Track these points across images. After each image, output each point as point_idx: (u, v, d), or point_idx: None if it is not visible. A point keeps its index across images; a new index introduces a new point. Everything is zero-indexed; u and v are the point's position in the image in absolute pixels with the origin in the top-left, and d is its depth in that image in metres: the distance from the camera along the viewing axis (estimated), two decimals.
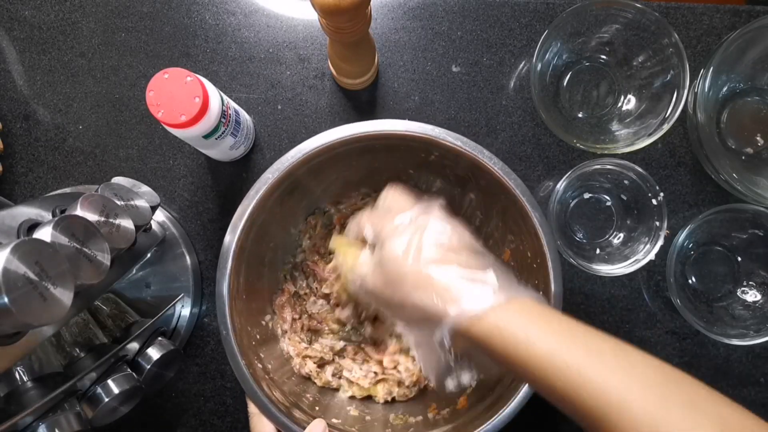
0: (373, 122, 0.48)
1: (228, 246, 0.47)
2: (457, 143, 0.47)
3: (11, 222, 0.36)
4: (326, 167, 0.52)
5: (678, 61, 0.53)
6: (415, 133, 0.48)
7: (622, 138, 0.57)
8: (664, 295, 0.60)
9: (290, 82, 0.61)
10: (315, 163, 0.50)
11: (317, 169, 0.51)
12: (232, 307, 0.46)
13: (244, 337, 0.47)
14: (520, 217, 0.48)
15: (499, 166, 0.47)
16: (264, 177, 0.47)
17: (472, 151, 0.47)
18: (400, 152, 0.52)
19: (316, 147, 0.48)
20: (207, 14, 0.62)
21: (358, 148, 0.50)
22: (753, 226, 0.57)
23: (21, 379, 0.42)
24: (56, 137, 0.61)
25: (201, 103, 0.46)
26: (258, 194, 0.47)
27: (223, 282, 0.46)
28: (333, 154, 0.50)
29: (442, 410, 0.52)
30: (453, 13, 0.61)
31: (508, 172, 0.47)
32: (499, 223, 0.53)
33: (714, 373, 0.59)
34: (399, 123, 0.49)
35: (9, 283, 0.28)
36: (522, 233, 0.49)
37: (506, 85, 0.61)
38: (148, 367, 0.49)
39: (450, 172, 0.53)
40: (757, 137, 0.59)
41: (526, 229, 0.48)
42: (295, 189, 0.52)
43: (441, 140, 0.48)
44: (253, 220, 0.48)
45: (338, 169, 0.54)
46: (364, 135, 0.49)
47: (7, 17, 0.62)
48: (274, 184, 0.48)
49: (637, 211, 0.58)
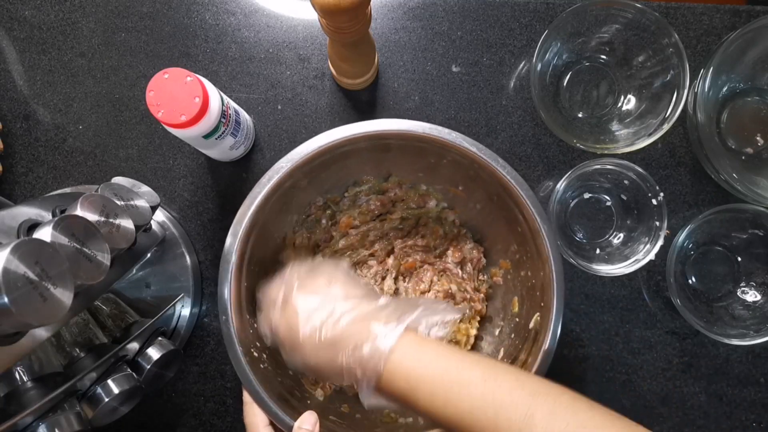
0: (387, 121, 0.49)
1: (229, 249, 0.47)
2: (472, 149, 0.48)
3: (11, 222, 0.36)
4: (327, 168, 0.52)
5: (678, 61, 0.53)
6: (431, 135, 0.48)
7: (622, 138, 0.57)
8: (664, 295, 0.60)
9: (290, 82, 0.61)
10: (316, 164, 0.50)
11: (317, 170, 0.51)
12: (237, 303, 0.47)
13: (241, 332, 0.47)
14: (529, 232, 0.49)
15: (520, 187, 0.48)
16: (268, 175, 0.48)
17: (486, 158, 0.48)
18: (410, 156, 0.52)
19: (313, 150, 0.48)
20: (207, 14, 0.62)
21: (362, 148, 0.50)
22: (753, 226, 0.57)
23: (21, 379, 0.42)
24: (56, 137, 0.61)
25: (201, 103, 0.46)
26: (263, 191, 0.47)
27: (224, 285, 0.46)
28: (337, 153, 0.50)
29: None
30: (453, 13, 0.61)
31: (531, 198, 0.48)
32: (502, 230, 0.54)
33: (714, 373, 0.59)
34: (413, 124, 0.48)
35: (9, 283, 0.28)
36: (530, 253, 0.50)
37: (506, 85, 0.61)
38: (148, 367, 0.49)
39: (459, 178, 0.54)
40: (757, 137, 0.59)
41: (537, 253, 0.49)
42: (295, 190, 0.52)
43: (456, 144, 0.48)
44: (254, 222, 0.48)
45: (345, 168, 0.54)
46: (365, 135, 0.49)
47: (7, 17, 0.62)
48: (274, 186, 0.48)
49: (637, 211, 0.58)
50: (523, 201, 0.48)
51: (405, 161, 0.54)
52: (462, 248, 0.58)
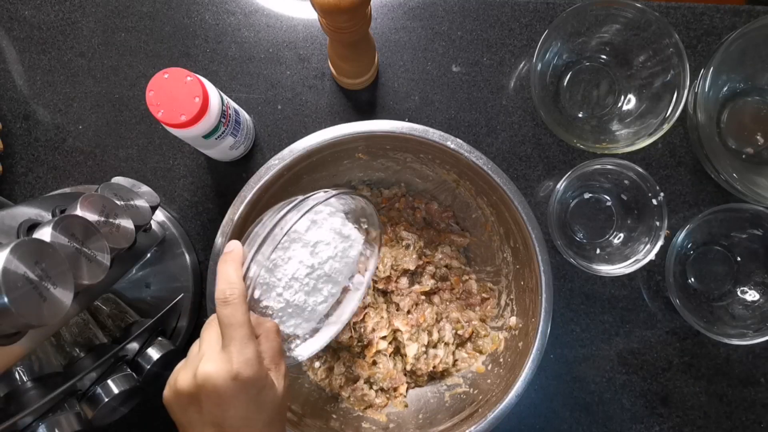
0: (380, 122, 0.49)
1: (219, 249, 0.47)
2: (492, 174, 0.49)
3: (11, 222, 0.36)
4: (319, 168, 0.52)
5: (678, 61, 0.53)
6: (421, 137, 0.49)
7: (622, 138, 0.57)
8: (664, 295, 0.60)
9: (290, 82, 0.61)
10: (308, 164, 0.50)
11: (309, 170, 0.51)
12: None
13: None
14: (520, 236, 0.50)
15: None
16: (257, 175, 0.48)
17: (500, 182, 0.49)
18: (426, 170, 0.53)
19: (305, 148, 0.48)
20: (207, 14, 0.62)
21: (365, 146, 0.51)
22: (752, 226, 0.57)
23: (21, 379, 0.42)
24: (56, 137, 0.61)
25: (201, 103, 0.46)
26: (252, 191, 0.48)
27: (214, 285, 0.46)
28: (333, 152, 0.50)
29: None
30: (453, 13, 0.61)
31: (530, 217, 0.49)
32: (500, 229, 0.54)
33: (714, 373, 0.59)
34: (404, 125, 0.49)
35: (9, 283, 0.28)
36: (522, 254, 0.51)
37: (506, 85, 0.61)
38: (148, 367, 0.49)
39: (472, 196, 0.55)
40: (757, 137, 0.59)
41: (527, 257, 0.50)
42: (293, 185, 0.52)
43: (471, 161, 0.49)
44: (244, 221, 0.48)
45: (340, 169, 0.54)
46: (358, 135, 0.49)
47: (7, 17, 0.62)
48: (266, 184, 0.48)
49: (637, 211, 0.58)
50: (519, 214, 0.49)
51: (398, 163, 0.55)
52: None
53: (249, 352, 0.35)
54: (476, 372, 0.55)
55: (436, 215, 0.59)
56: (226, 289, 0.36)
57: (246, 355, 0.35)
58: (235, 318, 0.35)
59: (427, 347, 0.54)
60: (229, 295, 0.36)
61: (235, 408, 0.35)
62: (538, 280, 0.48)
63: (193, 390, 0.35)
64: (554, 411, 0.60)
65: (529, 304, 0.51)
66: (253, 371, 0.35)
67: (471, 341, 0.57)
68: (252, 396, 0.35)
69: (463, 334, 0.55)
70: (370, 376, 0.54)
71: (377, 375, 0.54)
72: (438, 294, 0.57)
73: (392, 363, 0.55)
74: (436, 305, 0.56)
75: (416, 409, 0.55)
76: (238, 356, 0.35)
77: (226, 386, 0.34)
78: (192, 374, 0.35)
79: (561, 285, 0.60)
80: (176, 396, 0.37)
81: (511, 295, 0.54)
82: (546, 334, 0.48)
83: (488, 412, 0.47)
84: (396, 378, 0.54)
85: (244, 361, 0.35)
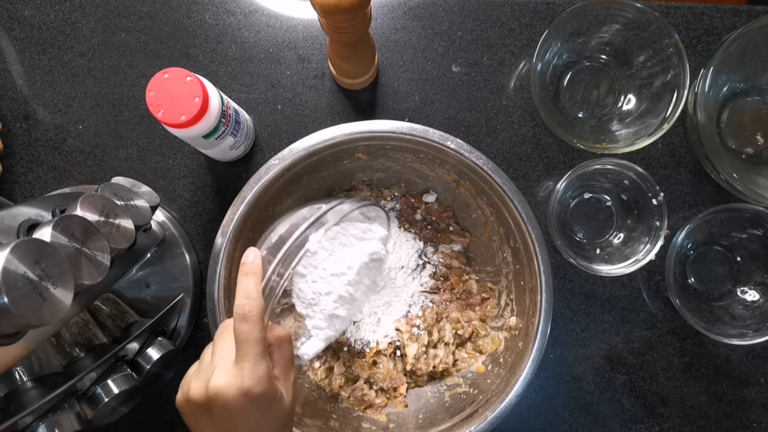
0: (380, 122, 0.49)
1: (218, 249, 0.47)
2: (494, 177, 0.49)
3: (11, 222, 0.36)
4: (320, 169, 0.52)
5: (678, 61, 0.52)
6: (422, 137, 0.49)
7: (622, 138, 0.57)
8: (664, 295, 0.60)
9: (290, 82, 0.61)
10: (309, 163, 0.50)
11: (310, 170, 0.51)
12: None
13: None
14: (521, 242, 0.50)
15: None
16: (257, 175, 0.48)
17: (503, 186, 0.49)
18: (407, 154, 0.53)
19: (305, 147, 0.49)
20: (207, 14, 0.62)
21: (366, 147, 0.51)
22: (752, 226, 0.57)
23: (21, 379, 0.42)
24: (56, 137, 0.61)
25: (201, 103, 0.46)
26: (252, 191, 0.48)
27: (213, 286, 0.47)
28: (333, 152, 0.50)
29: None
30: (453, 13, 0.61)
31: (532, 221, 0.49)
32: (501, 229, 0.54)
33: (714, 373, 0.59)
34: (404, 125, 0.49)
35: (9, 283, 0.28)
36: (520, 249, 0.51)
37: (506, 85, 0.61)
38: (148, 367, 0.49)
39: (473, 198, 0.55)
40: (757, 137, 0.59)
41: (527, 255, 0.50)
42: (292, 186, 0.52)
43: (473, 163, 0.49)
44: (244, 222, 0.48)
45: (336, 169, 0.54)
46: (359, 135, 0.49)
47: (7, 17, 0.62)
48: (266, 184, 0.48)
49: (637, 211, 0.58)
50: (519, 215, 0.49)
51: (399, 162, 0.55)
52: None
53: (261, 369, 0.36)
54: (476, 372, 0.55)
55: (436, 215, 0.59)
56: (245, 305, 0.37)
57: (258, 372, 0.35)
58: (252, 335, 0.36)
59: (427, 347, 0.54)
60: (248, 311, 0.36)
61: (245, 421, 0.35)
62: (538, 280, 0.48)
63: (205, 401, 0.36)
64: (554, 411, 0.60)
65: (529, 304, 0.50)
66: (264, 388, 0.35)
67: (471, 341, 0.57)
68: (262, 410, 0.36)
69: (463, 334, 0.55)
70: (370, 376, 0.54)
71: (377, 375, 0.54)
72: (438, 294, 0.57)
73: (392, 363, 0.55)
74: (436, 305, 0.56)
75: (416, 409, 0.54)
76: (251, 374, 0.35)
77: (236, 401, 0.35)
78: (204, 385, 0.36)
79: (561, 285, 0.60)
80: (188, 404, 0.37)
81: (511, 295, 0.54)
82: (546, 334, 0.48)
83: (488, 412, 0.47)
84: (396, 378, 0.54)
85: (257, 378, 0.35)
